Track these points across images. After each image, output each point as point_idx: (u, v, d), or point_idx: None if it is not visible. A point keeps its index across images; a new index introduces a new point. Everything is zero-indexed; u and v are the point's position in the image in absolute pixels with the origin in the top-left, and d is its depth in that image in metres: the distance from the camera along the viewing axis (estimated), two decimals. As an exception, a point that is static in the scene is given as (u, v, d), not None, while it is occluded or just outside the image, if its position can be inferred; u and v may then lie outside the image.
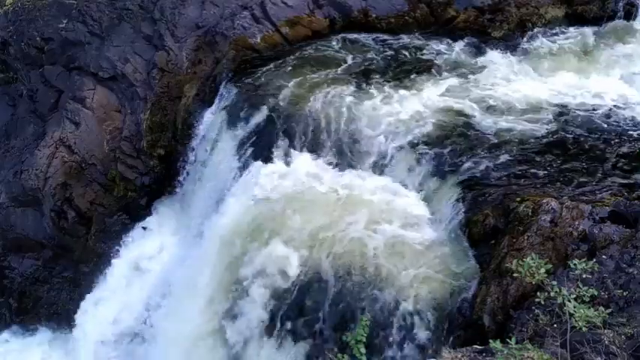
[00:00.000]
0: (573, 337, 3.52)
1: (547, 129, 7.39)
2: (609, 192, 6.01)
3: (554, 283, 3.48)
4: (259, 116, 8.35)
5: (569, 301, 3.29)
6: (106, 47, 10.16)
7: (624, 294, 4.48)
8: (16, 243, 10.69)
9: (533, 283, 3.50)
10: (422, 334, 5.59)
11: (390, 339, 5.60)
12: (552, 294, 3.37)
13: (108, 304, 9.54)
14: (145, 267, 9.61)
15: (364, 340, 3.92)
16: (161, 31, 9.99)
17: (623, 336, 3.94)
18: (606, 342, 3.84)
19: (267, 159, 7.74)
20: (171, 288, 8.61)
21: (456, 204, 6.50)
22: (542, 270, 3.49)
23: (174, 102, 9.90)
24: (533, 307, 4.62)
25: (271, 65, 9.28)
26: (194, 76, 9.81)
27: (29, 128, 10.65)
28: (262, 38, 9.79)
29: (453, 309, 5.63)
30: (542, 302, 3.51)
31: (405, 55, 9.20)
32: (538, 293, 3.57)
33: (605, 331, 3.89)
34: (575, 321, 3.31)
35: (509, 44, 9.46)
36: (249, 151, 8.14)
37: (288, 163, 7.59)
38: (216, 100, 9.37)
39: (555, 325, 4.09)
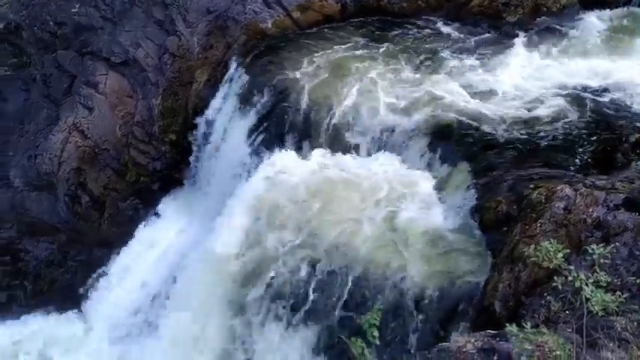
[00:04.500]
0: (586, 323, 3.53)
1: (562, 114, 7.32)
2: (624, 179, 5.97)
3: (572, 267, 3.49)
4: (270, 102, 8.36)
5: (587, 285, 3.29)
6: (118, 32, 10.18)
7: (637, 281, 4.47)
8: (31, 227, 10.83)
9: (551, 267, 3.51)
10: (433, 320, 5.63)
11: (402, 324, 5.66)
12: (570, 278, 3.37)
13: (119, 286, 9.68)
14: (158, 252, 9.72)
15: (377, 323, 3.96)
16: (172, 15, 9.98)
17: (635, 322, 3.95)
18: (619, 328, 3.85)
19: (280, 145, 7.75)
20: (183, 272, 8.70)
21: (469, 190, 6.50)
22: (560, 255, 3.50)
23: (185, 87, 9.93)
24: (546, 294, 4.64)
25: (283, 50, 9.26)
26: (205, 61, 9.82)
27: (43, 113, 10.73)
28: (273, 23, 9.75)
29: (464, 295, 5.66)
30: (560, 287, 3.51)
31: (419, 39, 9.14)
32: (555, 278, 3.57)
33: (618, 317, 3.90)
34: (592, 305, 3.32)
35: (524, 29, 9.36)
36: (261, 137, 8.16)
37: (300, 150, 7.60)
38: (227, 86, 9.37)
39: (568, 312, 4.10)
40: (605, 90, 7.82)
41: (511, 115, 7.42)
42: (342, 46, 9.10)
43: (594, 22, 9.45)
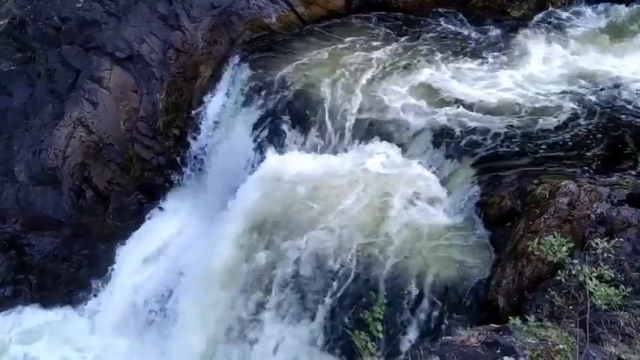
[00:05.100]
0: (590, 318, 3.54)
1: (567, 111, 7.32)
2: (628, 174, 5.96)
3: (576, 261, 3.51)
4: (274, 97, 8.36)
5: (591, 279, 3.31)
6: (123, 27, 10.19)
7: (641, 276, 4.49)
8: (36, 221, 10.88)
9: (555, 261, 3.53)
10: (435, 315, 5.64)
11: (404, 319, 5.67)
12: (574, 272, 3.39)
13: (124, 280, 9.72)
14: (161, 247, 9.76)
15: (381, 317, 3.98)
16: (177, 10, 9.98)
17: (639, 317, 3.96)
18: (622, 323, 3.87)
19: (283, 145, 7.75)
20: (187, 268, 8.74)
21: (472, 186, 6.51)
22: (564, 248, 3.51)
23: (189, 82, 9.93)
24: (549, 289, 4.66)
25: (286, 45, 9.26)
26: (210, 56, 9.82)
27: (47, 108, 10.76)
28: (278, 18, 9.75)
29: (467, 290, 5.67)
30: (563, 280, 3.53)
31: (423, 35, 9.11)
32: (559, 271, 3.59)
33: (621, 312, 3.91)
34: (595, 299, 3.34)
35: (529, 24, 9.31)
36: (265, 132, 8.16)
37: (303, 149, 7.61)
38: (231, 81, 9.38)
39: (571, 307, 4.11)
40: (611, 87, 7.80)
41: (515, 110, 7.41)
42: (346, 42, 9.08)
43: (600, 18, 9.40)
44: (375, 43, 8.95)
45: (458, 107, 7.54)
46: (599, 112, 7.33)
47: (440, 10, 9.69)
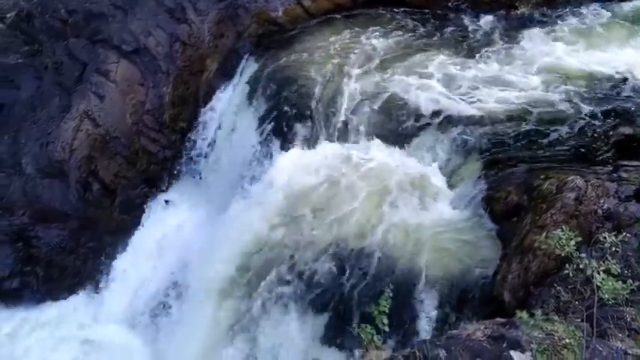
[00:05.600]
0: (597, 312, 3.54)
1: (575, 107, 7.28)
2: (635, 170, 5.94)
3: (583, 255, 3.50)
4: (281, 92, 8.36)
5: (598, 273, 3.30)
6: (129, 20, 10.21)
7: (648, 272, 4.46)
8: (43, 213, 10.93)
9: (562, 255, 3.52)
10: (441, 309, 5.66)
11: (411, 313, 5.69)
12: (581, 266, 3.38)
13: (130, 273, 9.78)
14: (166, 240, 9.79)
15: (387, 311, 3.99)
16: (183, 4, 9.99)
17: (645, 313, 3.95)
18: (629, 319, 3.86)
19: (289, 139, 7.75)
20: (191, 263, 8.77)
21: (478, 181, 6.49)
22: (573, 242, 3.50)
23: (196, 76, 9.94)
24: (555, 284, 4.65)
25: (293, 39, 9.24)
26: (216, 49, 9.83)
27: (54, 101, 10.80)
28: (284, 12, 9.74)
29: (472, 285, 5.67)
30: (570, 275, 3.52)
31: (431, 30, 9.08)
32: (566, 265, 3.58)
33: (628, 308, 3.91)
34: (603, 294, 3.33)
35: (537, 19, 9.28)
36: (271, 126, 8.17)
37: (309, 143, 7.61)
38: (238, 75, 9.38)
39: (577, 302, 4.10)
40: (618, 83, 7.75)
41: (522, 106, 7.38)
42: (353, 36, 9.06)
43: (608, 13, 9.33)
44: (381, 38, 8.92)
45: (463, 103, 7.51)
46: (606, 109, 7.29)
47: (448, 4, 9.65)
